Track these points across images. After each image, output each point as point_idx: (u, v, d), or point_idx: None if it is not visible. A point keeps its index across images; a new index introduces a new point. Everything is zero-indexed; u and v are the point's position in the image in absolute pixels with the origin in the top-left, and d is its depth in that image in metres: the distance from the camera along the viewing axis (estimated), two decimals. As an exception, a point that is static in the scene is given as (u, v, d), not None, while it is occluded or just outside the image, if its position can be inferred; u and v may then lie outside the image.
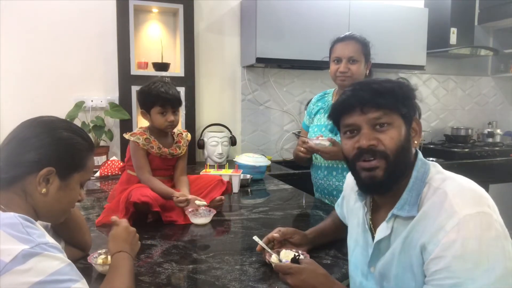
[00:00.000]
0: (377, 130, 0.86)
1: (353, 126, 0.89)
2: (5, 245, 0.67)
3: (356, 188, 1.06)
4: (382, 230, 0.89)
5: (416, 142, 0.90)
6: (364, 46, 1.70)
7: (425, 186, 0.85)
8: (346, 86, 1.66)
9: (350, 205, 1.10)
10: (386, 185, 0.87)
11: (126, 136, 1.61)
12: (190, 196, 1.53)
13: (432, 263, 0.76)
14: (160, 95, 1.56)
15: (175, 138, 1.71)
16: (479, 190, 0.81)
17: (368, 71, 1.75)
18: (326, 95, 1.92)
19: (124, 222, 1.07)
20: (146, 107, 1.61)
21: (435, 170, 0.88)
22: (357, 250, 1.01)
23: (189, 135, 1.78)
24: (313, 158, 1.84)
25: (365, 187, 0.92)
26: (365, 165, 0.87)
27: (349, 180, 1.15)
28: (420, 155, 0.90)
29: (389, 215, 0.87)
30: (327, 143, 1.64)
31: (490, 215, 0.76)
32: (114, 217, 1.09)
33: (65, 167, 0.87)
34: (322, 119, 1.83)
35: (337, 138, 1.68)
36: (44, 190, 0.84)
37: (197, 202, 1.54)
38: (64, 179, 0.87)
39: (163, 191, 1.53)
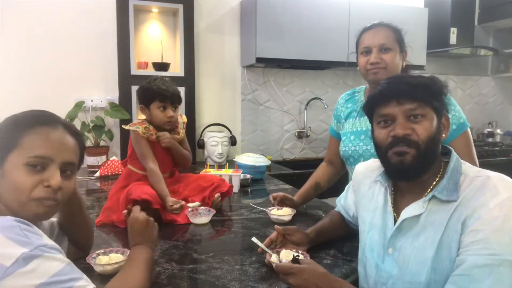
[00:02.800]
0: (411, 121, 0.92)
1: (388, 117, 0.94)
2: (4, 248, 0.67)
3: (370, 174, 1.11)
4: (415, 209, 0.93)
5: (444, 135, 0.96)
6: (396, 32, 1.46)
7: (461, 176, 0.90)
8: (379, 79, 1.36)
9: (362, 192, 1.12)
10: (414, 171, 0.92)
11: (126, 127, 1.63)
12: (183, 202, 1.54)
13: (470, 235, 0.81)
14: (160, 90, 1.58)
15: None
16: None
17: (405, 62, 1.49)
18: (356, 94, 1.65)
19: (134, 213, 1.08)
20: (145, 101, 1.62)
21: (467, 165, 0.94)
22: (373, 232, 1.03)
23: (184, 117, 1.79)
24: (349, 170, 1.66)
25: (395, 171, 0.96)
26: (397, 150, 0.92)
27: (361, 168, 1.18)
28: (453, 150, 0.97)
29: (429, 196, 0.91)
30: (286, 218, 1.49)
31: None
32: (125, 212, 1.12)
33: None
34: (358, 123, 1.57)
35: None
36: None
37: (190, 204, 1.56)
38: (0, 165, 0.80)
39: (160, 191, 1.53)
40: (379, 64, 1.43)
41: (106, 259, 1.08)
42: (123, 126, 1.66)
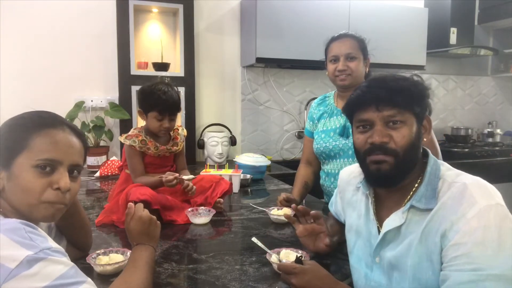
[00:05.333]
0: (389, 127, 0.89)
1: (366, 122, 0.91)
2: (9, 251, 0.67)
3: (353, 181, 1.09)
4: (395, 220, 0.91)
5: (425, 139, 0.93)
6: (360, 42, 1.65)
7: (439, 181, 0.88)
8: (347, 85, 1.65)
9: (347, 199, 1.11)
10: (393, 179, 0.90)
11: (121, 139, 1.61)
12: (176, 174, 1.55)
13: (452, 249, 0.79)
14: (159, 100, 1.55)
15: (171, 135, 1.71)
16: (491, 185, 0.84)
17: (367, 68, 1.70)
18: (327, 98, 1.84)
19: (137, 212, 1.05)
20: (144, 108, 1.61)
21: (445, 167, 0.91)
22: (360, 242, 1.02)
23: (184, 130, 1.79)
24: (321, 165, 1.80)
25: (373, 179, 0.94)
26: (374, 158, 0.90)
27: (344, 174, 1.17)
28: (430, 152, 0.94)
29: (407, 205, 0.89)
30: (283, 218, 1.49)
31: (505, 207, 0.80)
32: (130, 204, 1.08)
33: (2, 155, 0.80)
34: (328, 123, 1.74)
35: (349, 141, 1.64)
36: None
37: (185, 177, 1.57)
38: (8, 167, 0.80)
39: (153, 182, 1.54)
40: (346, 71, 1.63)
41: (106, 259, 1.08)
42: (119, 138, 1.64)
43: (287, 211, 1.53)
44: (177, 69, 2.71)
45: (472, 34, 3.53)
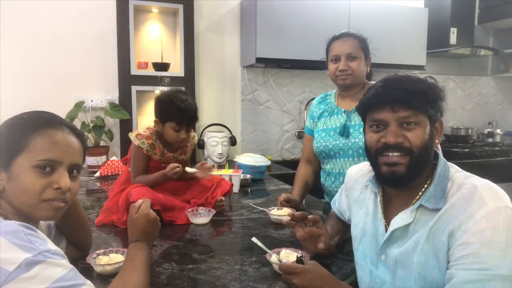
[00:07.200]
0: (404, 128, 0.89)
1: (381, 122, 0.92)
2: (8, 253, 0.67)
3: (361, 179, 1.09)
4: (403, 218, 0.91)
5: (437, 141, 0.94)
6: (362, 41, 1.64)
7: (448, 182, 0.88)
8: (348, 85, 1.65)
9: (354, 197, 1.11)
10: (406, 180, 0.90)
11: (132, 136, 1.59)
12: (180, 165, 1.55)
13: (459, 248, 0.80)
14: (179, 112, 1.51)
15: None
16: (501, 188, 0.85)
17: (369, 68, 1.69)
18: (328, 97, 1.82)
19: (146, 208, 1.05)
20: (162, 118, 1.56)
21: (455, 169, 0.92)
22: (366, 239, 1.02)
23: (195, 136, 1.75)
24: (321, 164, 1.80)
25: (385, 180, 0.94)
26: (388, 160, 0.90)
27: (351, 172, 1.17)
28: (440, 154, 0.94)
29: (416, 205, 0.90)
30: (286, 218, 1.46)
31: None
32: (140, 200, 1.08)
33: (2, 155, 0.80)
34: (329, 122, 1.73)
35: (349, 141, 1.63)
36: None
37: (188, 169, 1.59)
38: (7, 167, 0.80)
39: (155, 177, 1.54)
40: (347, 71, 1.62)
41: (106, 259, 1.08)
42: (129, 134, 1.60)
43: (287, 211, 1.53)
44: (177, 69, 2.71)
45: (472, 34, 3.53)
